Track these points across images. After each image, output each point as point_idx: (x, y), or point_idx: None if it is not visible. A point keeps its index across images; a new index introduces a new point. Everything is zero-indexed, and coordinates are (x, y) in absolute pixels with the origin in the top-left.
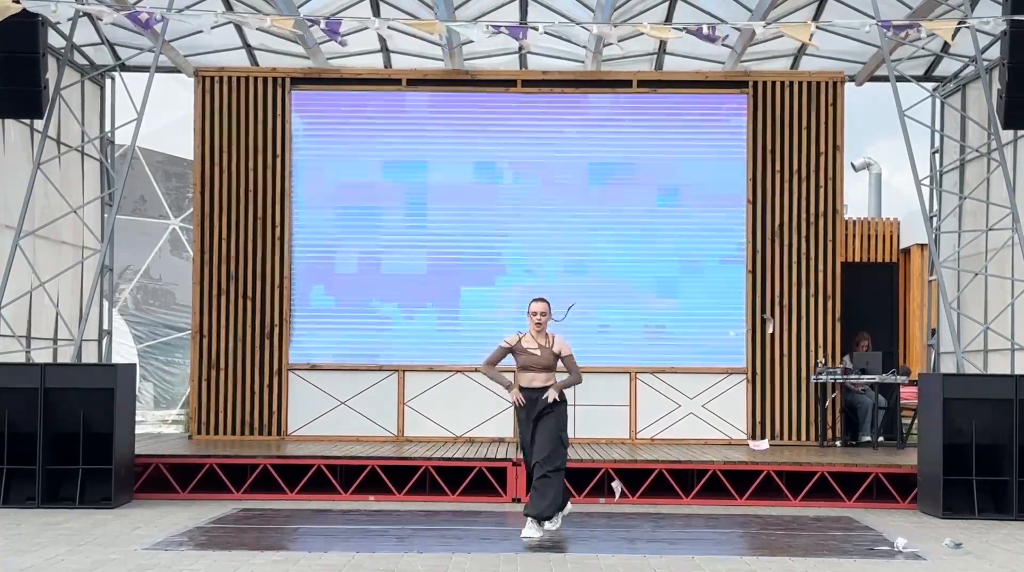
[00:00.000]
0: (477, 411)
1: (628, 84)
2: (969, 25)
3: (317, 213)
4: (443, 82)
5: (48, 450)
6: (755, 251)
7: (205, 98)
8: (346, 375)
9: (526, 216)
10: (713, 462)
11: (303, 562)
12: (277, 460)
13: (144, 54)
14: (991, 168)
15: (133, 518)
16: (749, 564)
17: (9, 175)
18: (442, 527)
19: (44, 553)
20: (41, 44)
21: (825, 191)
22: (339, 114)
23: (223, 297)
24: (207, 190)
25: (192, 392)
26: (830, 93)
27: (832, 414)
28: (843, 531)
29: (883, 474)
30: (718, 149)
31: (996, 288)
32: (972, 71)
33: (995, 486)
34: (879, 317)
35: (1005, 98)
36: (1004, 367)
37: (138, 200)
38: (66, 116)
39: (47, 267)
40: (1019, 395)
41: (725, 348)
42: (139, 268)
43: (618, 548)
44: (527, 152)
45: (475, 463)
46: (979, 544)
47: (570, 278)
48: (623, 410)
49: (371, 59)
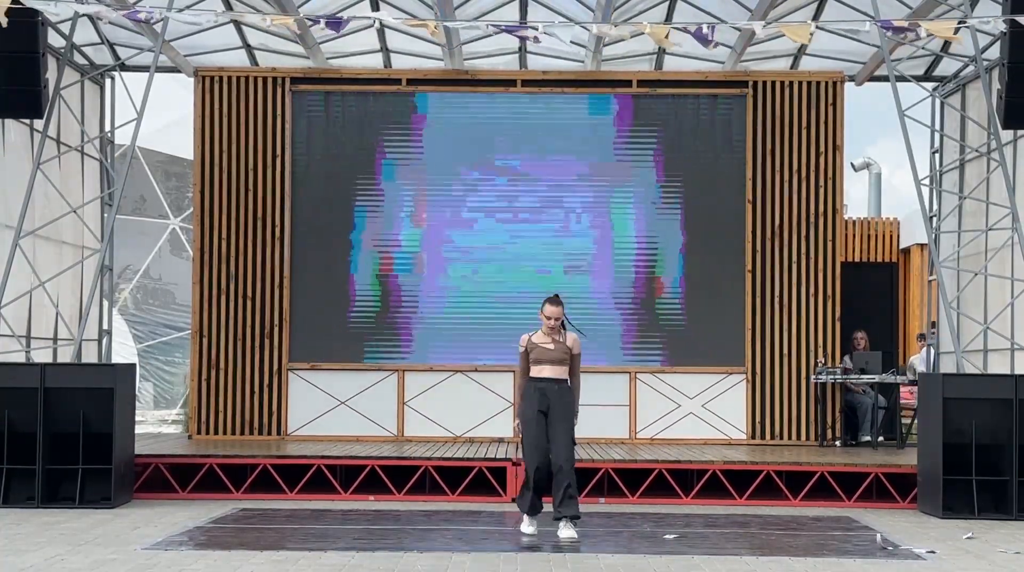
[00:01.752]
0: (477, 411)
1: (628, 84)
2: (969, 25)
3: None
4: (443, 82)
5: (48, 450)
6: (755, 251)
7: (205, 98)
8: (346, 375)
9: (526, 216)
10: (713, 462)
11: (303, 562)
12: (277, 460)
13: (144, 54)
14: (991, 168)
15: (133, 518)
16: (749, 564)
17: (9, 175)
18: (442, 527)
19: (44, 553)
20: (41, 44)
21: (825, 191)
22: (339, 114)
23: (223, 297)
24: (207, 190)
25: (192, 392)
26: (830, 93)
27: (832, 414)
28: (843, 531)
29: (883, 474)
30: (718, 149)
31: (996, 288)
32: (972, 71)
33: (995, 486)
34: (879, 317)
35: (1005, 98)
36: (1004, 367)
37: (138, 200)
38: (66, 116)
39: (47, 267)
40: (1019, 395)
41: (725, 348)
42: (139, 268)
43: (618, 548)
44: (527, 152)
45: (475, 463)
46: (979, 544)
47: (570, 277)
48: (623, 410)
49: (371, 59)
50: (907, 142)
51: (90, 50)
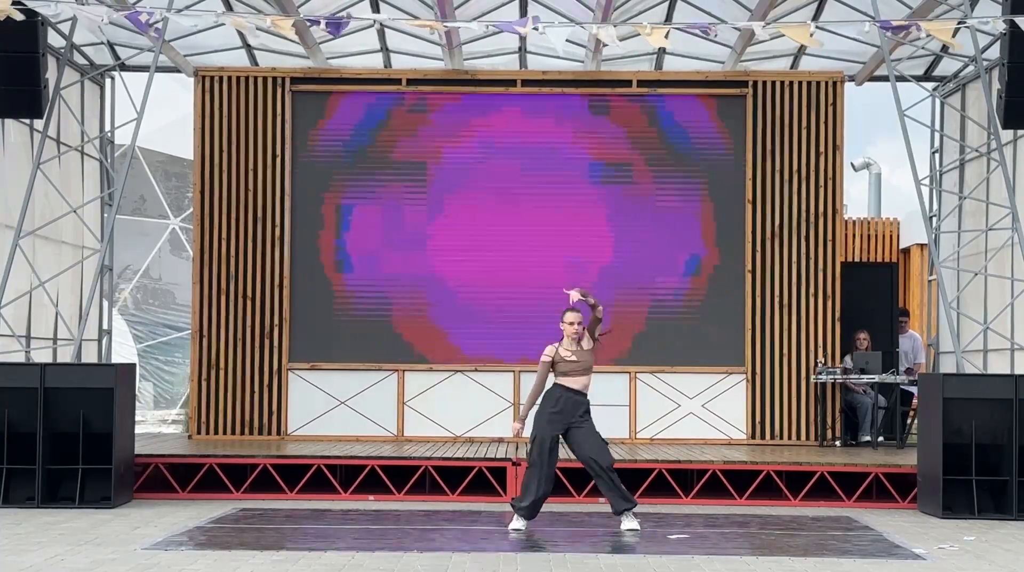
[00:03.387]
0: (477, 411)
1: (628, 84)
2: (969, 25)
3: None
4: (443, 82)
5: (48, 450)
6: (755, 251)
7: (205, 98)
8: (346, 375)
9: (526, 215)
10: (713, 462)
11: (303, 562)
12: (277, 460)
13: (144, 54)
14: (991, 168)
15: (133, 518)
16: (749, 564)
17: (9, 175)
18: (442, 527)
19: (44, 553)
20: (41, 44)
21: (825, 191)
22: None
23: (223, 297)
24: (207, 190)
25: (192, 392)
26: (830, 93)
27: (832, 414)
28: (843, 531)
29: (883, 474)
30: (718, 149)
31: (996, 288)
32: (972, 71)
33: (995, 486)
34: (879, 317)
35: (1005, 98)
36: (1004, 367)
37: (138, 200)
38: (66, 116)
39: (47, 267)
40: (1019, 395)
41: (725, 348)
42: (139, 268)
43: (618, 548)
44: (527, 151)
45: (475, 463)
46: (979, 544)
47: (571, 276)
48: (623, 410)
49: (371, 59)
50: (907, 142)
51: (90, 50)
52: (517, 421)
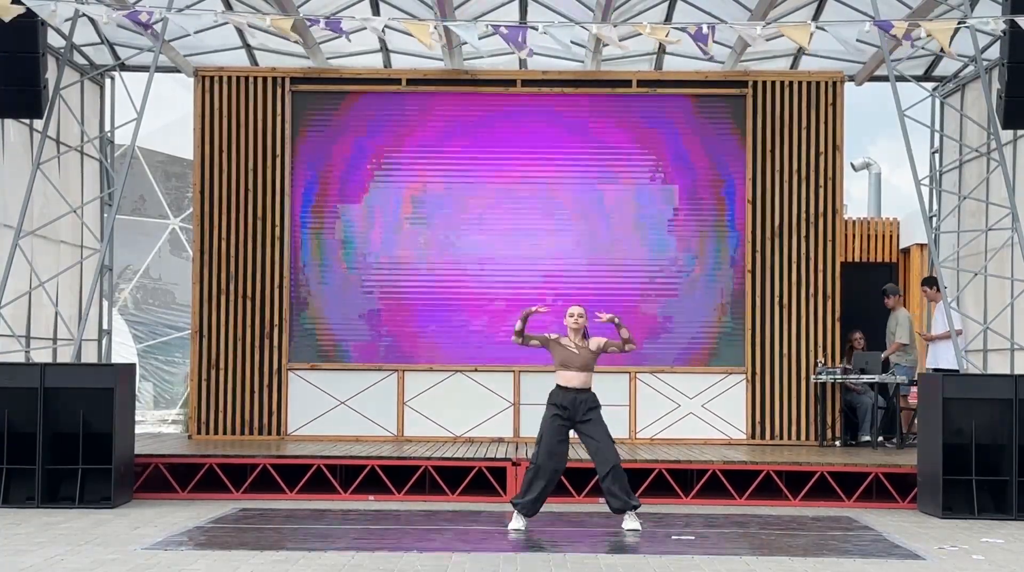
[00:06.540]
0: (477, 411)
1: (628, 84)
2: (969, 25)
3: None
4: (443, 82)
5: (48, 450)
6: (755, 251)
7: (205, 98)
8: (346, 375)
9: (526, 215)
10: (713, 462)
11: (303, 562)
12: (277, 460)
13: (144, 54)
14: (990, 168)
15: (133, 518)
16: (749, 564)
17: (9, 175)
18: (442, 527)
19: (44, 553)
20: (41, 44)
21: (825, 191)
22: (338, 114)
23: (223, 297)
24: (207, 190)
25: (192, 392)
26: (830, 93)
27: (832, 414)
28: (843, 531)
29: (883, 474)
30: (718, 149)
31: (995, 288)
32: (972, 71)
33: (995, 486)
34: (879, 317)
35: (1005, 98)
36: (1004, 367)
37: (138, 200)
38: (66, 116)
39: (46, 267)
40: (1019, 395)
41: (725, 348)
42: (139, 268)
43: (618, 548)
44: (526, 151)
45: (475, 463)
46: (979, 544)
47: (571, 276)
48: (622, 410)
49: (371, 59)
50: (907, 142)
51: (90, 50)
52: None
